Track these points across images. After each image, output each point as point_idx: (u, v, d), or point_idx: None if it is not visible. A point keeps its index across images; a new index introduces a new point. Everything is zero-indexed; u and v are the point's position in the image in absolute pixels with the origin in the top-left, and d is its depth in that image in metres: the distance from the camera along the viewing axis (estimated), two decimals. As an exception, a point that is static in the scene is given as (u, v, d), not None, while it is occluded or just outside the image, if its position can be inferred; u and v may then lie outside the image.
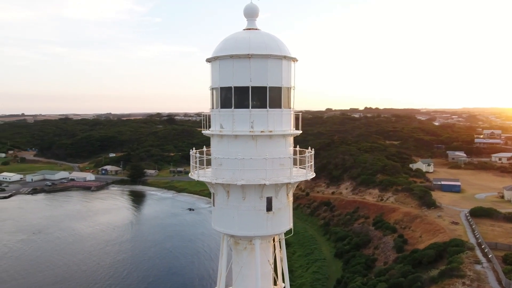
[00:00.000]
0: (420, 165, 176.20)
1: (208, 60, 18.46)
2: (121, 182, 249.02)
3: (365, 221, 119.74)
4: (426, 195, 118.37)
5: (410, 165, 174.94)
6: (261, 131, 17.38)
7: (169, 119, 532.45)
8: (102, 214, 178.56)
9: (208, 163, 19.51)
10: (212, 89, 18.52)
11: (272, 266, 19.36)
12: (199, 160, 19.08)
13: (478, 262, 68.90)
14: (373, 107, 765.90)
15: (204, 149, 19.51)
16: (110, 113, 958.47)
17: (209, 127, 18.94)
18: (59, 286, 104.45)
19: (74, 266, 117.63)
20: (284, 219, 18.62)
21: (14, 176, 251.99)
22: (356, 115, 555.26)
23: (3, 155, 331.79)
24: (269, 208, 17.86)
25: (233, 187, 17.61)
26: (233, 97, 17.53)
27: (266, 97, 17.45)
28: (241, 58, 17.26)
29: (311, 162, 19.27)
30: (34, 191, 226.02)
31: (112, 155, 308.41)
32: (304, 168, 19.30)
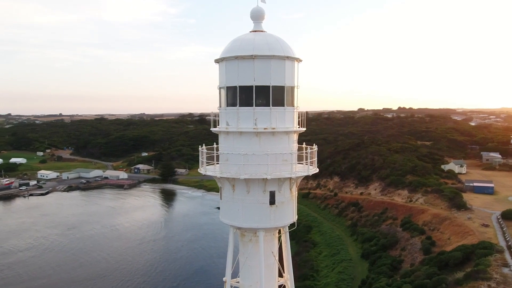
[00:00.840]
0: (452, 166, 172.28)
1: (216, 61, 19.48)
2: (152, 181, 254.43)
3: (393, 222, 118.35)
4: (456, 197, 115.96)
5: (442, 166, 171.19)
6: (264, 128, 18.26)
7: (200, 119, 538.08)
8: (134, 212, 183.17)
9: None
10: (220, 88, 19.53)
11: (276, 258, 20.19)
12: (211, 156, 20.10)
13: (506, 265, 67.34)
14: (407, 107, 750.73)
15: (215, 145, 20.52)
16: (143, 113, 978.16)
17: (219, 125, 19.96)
18: (95, 282, 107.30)
19: (110, 262, 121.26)
20: (287, 212, 19.41)
21: (51, 174, 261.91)
22: (389, 115, 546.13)
23: (41, 153, 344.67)
24: (272, 201, 18.70)
25: (238, 181, 18.55)
26: (238, 95, 18.50)
27: (269, 95, 18.32)
28: (246, 59, 18.18)
29: (314, 158, 20.04)
30: (70, 189, 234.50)
31: (144, 154, 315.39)
32: (311, 164, 20.11)
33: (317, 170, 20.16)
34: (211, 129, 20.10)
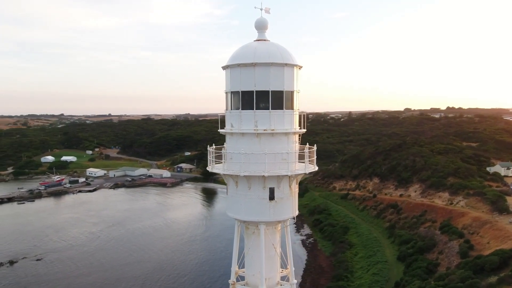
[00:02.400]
0: (498, 168, 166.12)
1: (223, 68, 21.28)
2: (194, 180, 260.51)
3: (432, 225, 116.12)
4: (499, 200, 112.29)
5: (488, 168, 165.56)
6: (264, 130, 19.88)
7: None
8: (177, 209, 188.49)
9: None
10: (226, 93, 21.32)
11: (277, 250, 21.70)
12: (220, 155, 21.95)
13: (545, 271, 65.27)
14: (456, 106, 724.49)
15: (225, 145, 22.28)
16: (188, 114, 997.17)
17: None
18: (144, 279, 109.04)
19: (158, 258, 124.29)
20: (286, 207, 20.87)
21: (99, 172, 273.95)
22: (436, 115, 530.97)
23: (90, 152, 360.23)
24: (271, 197, 20.27)
25: (240, 178, 20.28)
26: (240, 100, 20.23)
27: (268, 99, 19.92)
28: (247, 66, 19.88)
29: (313, 157, 21.45)
30: (116, 186, 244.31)
31: (187, 153, 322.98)
32: (311, 163, 21.52)
33: (316, 168, 21.51)
34: (218, 130, 21.93)
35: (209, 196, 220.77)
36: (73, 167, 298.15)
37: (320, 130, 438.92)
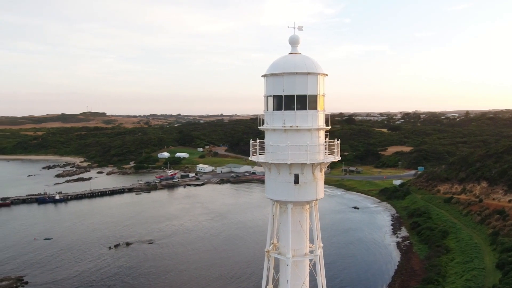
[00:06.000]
0: None
1: (262, 76, 26.31)
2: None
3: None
4: None
5: None
6: (290, 126, 24.54)
7: (349, 119, 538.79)
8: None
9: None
10: (264, 96, 26.34)
11: (304, 226, 26.09)
12: (260, 148, 27.02)
13: None
14: None
15: (265, 139, 27.21)
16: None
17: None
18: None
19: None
20: (310, 191, 25.18)
21: (207, 168, 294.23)
22: None
23: (201, 149, 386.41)
24: (296, 181, 24.79)
25: (272, 165, 25.15)
26: (273, 102, 25.15)
27: (294, 102, 24.53)
28: (278, 76, 24.72)
29: (336, 149, 25.70)
30: (222, 181, 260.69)
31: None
32: (333, 154, 25.71)
33: (337, 158, 25.62)
34: (258, 127, 27.02)
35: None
36: (185, 163, 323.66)
37: (431, 130, 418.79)
